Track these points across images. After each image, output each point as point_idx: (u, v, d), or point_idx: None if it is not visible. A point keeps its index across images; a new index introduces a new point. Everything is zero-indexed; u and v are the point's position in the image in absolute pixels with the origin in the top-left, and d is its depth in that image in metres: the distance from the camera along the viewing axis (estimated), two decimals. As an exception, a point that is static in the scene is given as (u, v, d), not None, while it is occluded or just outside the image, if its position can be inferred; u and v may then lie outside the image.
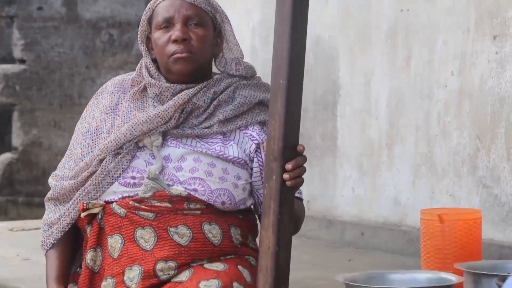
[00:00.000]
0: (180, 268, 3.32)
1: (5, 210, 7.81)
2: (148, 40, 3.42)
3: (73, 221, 3.40)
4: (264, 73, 3.39)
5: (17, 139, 7.95)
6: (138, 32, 3.45)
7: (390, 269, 3.72)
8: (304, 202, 5.07)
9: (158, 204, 3.33)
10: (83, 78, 7.96)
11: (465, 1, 4.63)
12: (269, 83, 3.40)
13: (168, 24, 3.38)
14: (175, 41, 3.35)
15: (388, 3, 4.97)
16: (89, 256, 3.35)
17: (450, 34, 4.71)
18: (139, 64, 3.45)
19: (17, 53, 8.04)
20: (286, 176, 3.25)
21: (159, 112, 3.34)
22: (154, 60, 3.42)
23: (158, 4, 3.40)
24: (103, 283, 3.31)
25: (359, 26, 5.12)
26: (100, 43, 8.12)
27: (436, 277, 3.49)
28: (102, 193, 3.36)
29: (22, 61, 8.01)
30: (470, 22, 4.62)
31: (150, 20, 3.41)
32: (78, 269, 3.39)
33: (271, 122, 3.31)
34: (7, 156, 7.94)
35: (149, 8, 3.41)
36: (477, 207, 4.37)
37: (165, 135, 3.37)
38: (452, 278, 3.43)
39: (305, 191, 5.20)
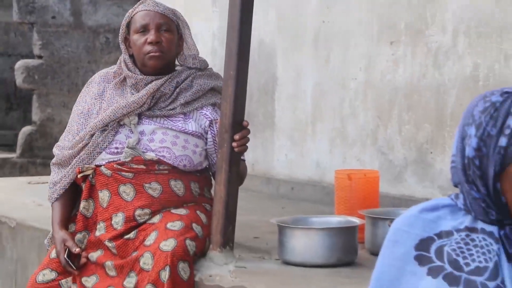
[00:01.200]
0: (153, 214, 3.30)
1: (26, 169, 7.85)
2: (126, 40, 3.39)
3: (72, 181, 3.38)
4: (221, 67, 3.38)
5: (35, 116, 7.92)
6: (119, 34, 3.43)
7: (312, 215, 3.70)
8: (249, 165, 5.11)
9: (136, 166, 3.31)
10: (86, 70, 7.94)
11: (370, 16, 4.63)
12: (220, 74, 3.40)
13: (144, 29, 3.35)
14: (150, 43, 3.33)
15: (313, 16, 4.95)
16: (82, 205, 3.34)
17: (359, 40, 4.70)
18: (119, 59, 3.42)
19: (36, 50, 7.99)
20: (234, 144, 3.26)
21: (136, 98, 3.33)
22: (131, 56, 3.39)
23: (136, 13, 3.37)
24: (98, 226, 3.29)
25: (292, 32, 5.10)
26: (99, 44, 8.08)
27: (345, 220, 3.50)
28: (93, 159, 3.35)
29: (40, 57, 7.96)
30: (374, 31, 4.61)
31: (128, 25, 3.39)
32: (76, 214, 3.38)
33: (223, 103, 3.30)
34: (28, 128, 7.93)
35: (128, 15, 3.39)
36: (377, 168, 4.37)
37: (140, 115, 3.36)
38: (357, 221, 3.45)
39: (250, 157, 5.21)
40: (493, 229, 1.85)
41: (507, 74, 3.93)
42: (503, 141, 1.79)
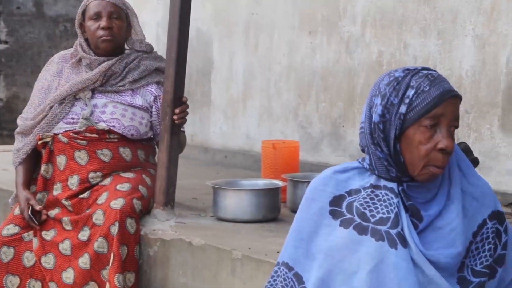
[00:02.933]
0: (104, 176, 3.26)
1: (-6, 140, 7.72)
2: (81, 26, 3.33)
3: (33, 147, 3.31)
4: (164, 51, 3.33)
5: (2, 94, 7.77)
6: (76, 20, 3.37)
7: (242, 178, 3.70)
8: (189, 137, 5.07)
9: (89, 135, 3.26)
10: (47, 54, 7.78)
11: (292, 9, 4.61)
12: (164, 57, 3.36)
13: (97, 16, 3.29)
14: (102, 28, 3.27)
15: (245, 8, 4.92)
16: (43, 168, 3.27)
17: (283, 30, 4.69)
18: (75, 43, 3.37)
19: (2, 37, 7.82)
20: (175, 117, 3.24)
21: (90, 76, 3.27)
22: (86, 40, 3.33)
23: (90, 2, 3.32)
24: (55, 186, 3.24)
25: (226, 22, 5.06)
26: (58, 31, 7.94)
27: (270, 182, 3.50)
28: (52, 128, 3.28)
29: (6, 42, 7.79)
30: (295, 22, 4.60)
31: (84, 12, 3.33)
32: (37, 176, 3.32)
33: (166, 82, 3.27)
34: (-4, 105, 7.79)
35: (84, 4, 3.34)
36: (298, 140, 4.38)
37: (93, 91, 3.31)
38: (280, 183, 3.45)
39: (190, 129, 5.17)
40: (393, 185, 1.87)
41: (406, 60, 3.98)
42: (403, 109, 1.82)
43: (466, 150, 2.43)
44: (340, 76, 4.36)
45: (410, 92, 1.81)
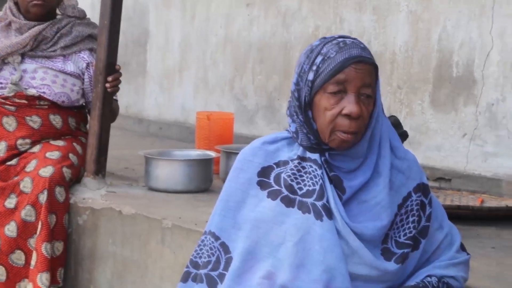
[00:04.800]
0: (33, 144, 3.19)
1: None
2: (12, -12, 3.24)
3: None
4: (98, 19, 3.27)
5: None
6: None
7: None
8: (123, 107, 5.00)
9: (18, 101, 3.19)
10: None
11: (231, -20, 4.59)
12: (97, 23, 3.29)
13: (26, -20, 3.20)
14: (33, -9, 3.19)
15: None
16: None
17: (220, 1, 4.65)
18: (4, 6, 3.28)
19: None
20: (107, 85, 3.19)
21: (19, 40, 3.18)
22: (15, 4, 3.24)
23: None
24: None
25: (164, -7, 5.01)
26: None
27: (203, 153, 3.49)
28: (-20, 92, 3.19)
29: None
30: (233, -6, 4.58)
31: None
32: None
33: (98, 49, 3.21)
34: None
35: None
36: (233, 112, 4.36)
37: (23, 55, 3.22)
38: (212, 154, 3.44)
39: (124, 100, 5.10)
40: (316, 156, 1.87)
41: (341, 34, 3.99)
42: (311, 76, 1.83)
43: (396, 123, 2.45)
44: (276, 49, 4.35)
45: (318, 59, 1.83)
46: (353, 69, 1.80)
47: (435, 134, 3.64)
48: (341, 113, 1.81)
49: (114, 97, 3.30)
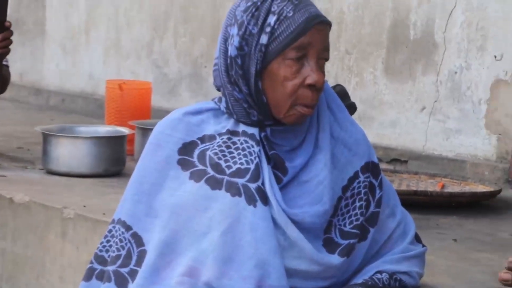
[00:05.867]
0: None
1: None
2: None
3: None
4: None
5: None
6: None
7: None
8: (17, 75, 4.94)
9: None
10: None
11: None
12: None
13: None
14: None
15: None
16: None
17: None
18: None
19: None
20: (-6, 46, 3.14)
21: None
22: None
23: None
24: None
25: None
26: None
27: (114, 130, 3.49)
28: None
29: None
30: None
31: None
32: None
33: (-17, 3, 3.16)
34: None
35: None
36: (151, 81, 4.35)
37: None
38: (125, 131, 3.44)
39: (19, 66, 5.03)
40: (254, 131, 1.87)
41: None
42: (264, 39, 1.81)
43: (342, 93, 2.46)
44: (204, 7, 4.34)
45: (272, 19, 1.81)
46: (315, 31, 1.81)
47: (389, 107, 3.69)
48: (304, 83, 1.81)
49: (4, 62, 3.27)
